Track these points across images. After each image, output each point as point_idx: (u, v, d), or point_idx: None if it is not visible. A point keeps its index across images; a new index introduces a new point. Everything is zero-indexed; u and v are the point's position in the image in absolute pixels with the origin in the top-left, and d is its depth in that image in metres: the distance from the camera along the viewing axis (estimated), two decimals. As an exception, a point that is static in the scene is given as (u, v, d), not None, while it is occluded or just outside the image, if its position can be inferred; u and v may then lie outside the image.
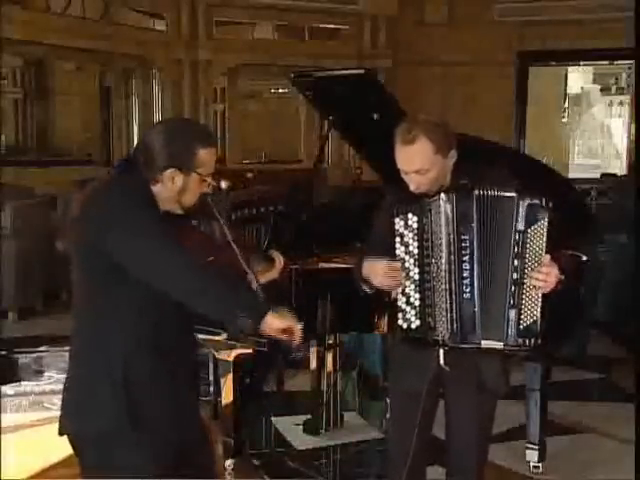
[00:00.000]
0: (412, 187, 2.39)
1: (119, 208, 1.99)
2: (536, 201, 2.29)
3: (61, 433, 2.13)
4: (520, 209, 2.29)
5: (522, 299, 2.30)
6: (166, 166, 2.04)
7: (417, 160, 2.33)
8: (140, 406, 2.02)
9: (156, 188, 2.07)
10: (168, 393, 2.08)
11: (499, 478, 3.61)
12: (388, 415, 3.98)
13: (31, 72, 9.31)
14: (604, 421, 4.45)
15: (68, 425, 2.11)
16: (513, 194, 2.30)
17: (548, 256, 2.29)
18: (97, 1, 9.29)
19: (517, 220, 2.28)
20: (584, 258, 3.19)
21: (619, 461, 3.77)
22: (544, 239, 2.28)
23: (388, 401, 4.02)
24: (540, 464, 3.65)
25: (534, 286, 2.28)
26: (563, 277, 2.30)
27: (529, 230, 2.28)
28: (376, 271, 2.40)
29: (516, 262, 2.29)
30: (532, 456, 3.65)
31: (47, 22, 8.40)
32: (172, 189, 2.07)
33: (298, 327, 2.07)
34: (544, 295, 2.30)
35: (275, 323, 2.03)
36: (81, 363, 2.10)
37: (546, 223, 2.28)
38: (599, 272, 5.46)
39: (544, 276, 2.28)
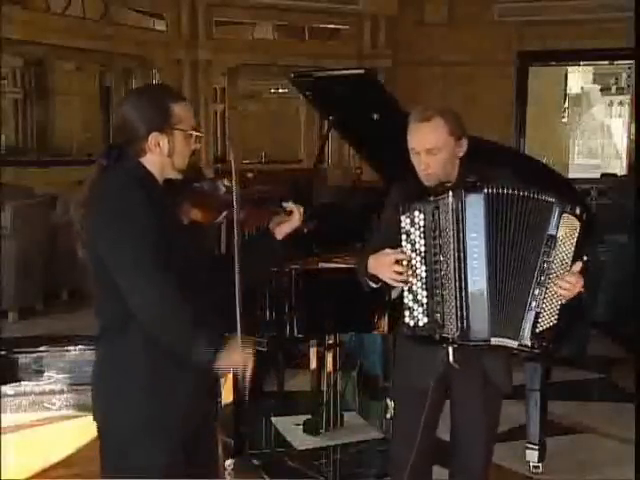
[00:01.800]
0: (421, 168, 2.40)
1: (106, 214, 1.97)
2: (570, 209, 2.28)
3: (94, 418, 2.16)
4: (555, 215, 2.28)
5: (544, 303, 2.29)
6: (147, 132, 2.03)
7: (431, 137, 2.36)
8: (161, 409, 2.04)
9: (146, 159, 2.06)
10: (188, 394, 2.08)
11: (499, 478, 3.60)
12: (388, 415, 4.00)
13: (31, 72, 9.30)
14: (604, 421, 4.45)
15: (95, 414, 2.14)
16: (552, 199, 2.29)
17: (579, 264, 2.29)
18: (97, 1, 9.28)
19: (551, 225, 2.28)
20: (585, 258, 3.19)
21: (619, 461, 3.77)
22: (573, 248, 2.28)
23: (388, 401, 4.05)
24: (540, 464, 3.65)
25: (558, 289, 2.28)
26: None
27: (560, 237, 2.28)
28: (383, 265, 2.38)
29: (545, 265, 2.28)
30: (532, 456, 3.65)
31: (47, 22, 8.39)
32: (161, 154, 2.05)
33: (250, 365, 2.06)
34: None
35: (225, 363, 2.01)
36: (105, 359, 2.11)
37: (577, 233, 2.28)
38: (599, 272, 5.46)
39: (570, 285, 2.27)
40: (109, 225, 1.96)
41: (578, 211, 2.29)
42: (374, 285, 2.48)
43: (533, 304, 2.29)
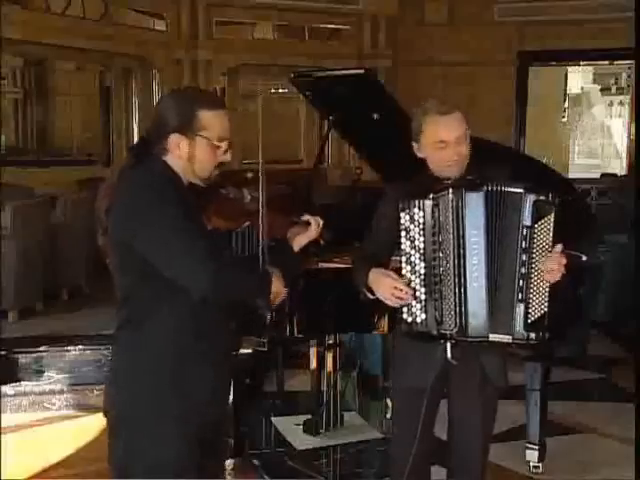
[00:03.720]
0: (452, 158, 2.39)
1: (138, 201, 1.98)
2: (542, 197, 2.31)
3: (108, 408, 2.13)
4: (527, 204, 2.30)
5: (530, 293, 2.31)
6: (169, 131, 2.02)
7: (458, 126, 2.40)
8: (182, 398, 2.04)
9: (169, 159, 2.04)
10: (206, 388, 2.09)
11: (499, 478, 3.61)
12: (388, 415, 3.99)
13: (31, 72, 9.30)
14: (604, 421, 4.46)
15: (110, 404, 2.12)
16: (520, 190, 2.32)
17: (560, 246, 2.31)
18: (97, 1, 9.27)
19: (524, 215, 2.30)
20: (583, 258, 3.19)
21: (619, 461, 3.77)
22: (550, 234, 2.31)
23: (388, 401, 4.04)
24: (540, 464, 3.65)
25: (542, 278, 2.29)
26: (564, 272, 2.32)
27: (536, 225, 2.30)
28: (382, 285, 2.39)
29: (524, 257, 2.30)
30: (532, 456, 3.65)
31: (47, 22, 8.38)
32: (180, 156, 2.03)
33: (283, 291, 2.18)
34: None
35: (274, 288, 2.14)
36: (127, 348, 2.09)
37: (552, 218, 2.30)
38: (599, 272, 5.46)
39: (554, 264, 2.28)
40: (145, 214, 1.95)
41: (550, 197, 2.31)
42: (371, 296, 2.47)
43: (519, 296, 2.31)
